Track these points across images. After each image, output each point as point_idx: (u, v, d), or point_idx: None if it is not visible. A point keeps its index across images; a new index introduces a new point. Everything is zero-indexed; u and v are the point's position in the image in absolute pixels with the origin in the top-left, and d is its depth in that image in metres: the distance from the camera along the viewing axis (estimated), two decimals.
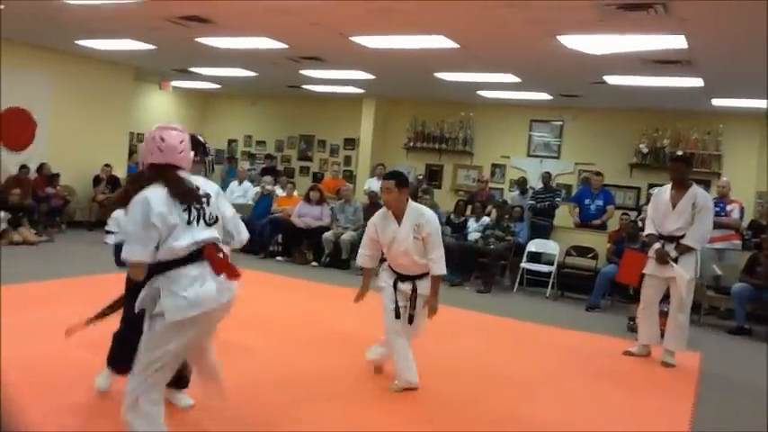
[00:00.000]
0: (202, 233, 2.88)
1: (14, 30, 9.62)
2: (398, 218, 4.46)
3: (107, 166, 11.87)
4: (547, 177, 10.77)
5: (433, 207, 9.92)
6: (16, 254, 8.74)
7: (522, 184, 11.14)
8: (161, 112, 15.70)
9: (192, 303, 2.80)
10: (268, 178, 11.49)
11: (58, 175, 11.10)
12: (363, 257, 4.73)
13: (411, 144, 13.57)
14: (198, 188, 2.95)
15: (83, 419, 3.64)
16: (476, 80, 10.34)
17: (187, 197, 2.88)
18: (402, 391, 4.46)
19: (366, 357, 4.88)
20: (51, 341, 4.94)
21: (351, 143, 14.52)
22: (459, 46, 7.90)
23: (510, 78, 9.90)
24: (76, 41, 10.20)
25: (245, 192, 11.76)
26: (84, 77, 11.78)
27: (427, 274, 4.49)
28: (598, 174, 10.42)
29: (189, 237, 2.83)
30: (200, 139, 3.81)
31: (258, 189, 11.40)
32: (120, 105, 12.62)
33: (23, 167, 10.63)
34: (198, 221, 2.87)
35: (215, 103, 16.74)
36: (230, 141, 16.43)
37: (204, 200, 2.93)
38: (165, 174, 2.91)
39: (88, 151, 11.87)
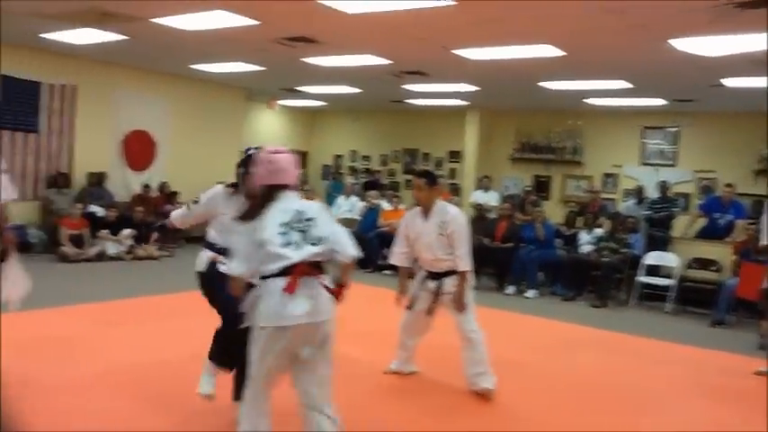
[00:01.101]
0: (301, 252, 2.97)
1: (136, 58, 10.26)
2: (426, 214, 4.66)
3: (220, 183, 12.34)
4: (664, 186, 10.27)
5: (543, 219, 9.74)
6: (141, 268, 9.26)
7: (638, 193, 10.67)
8: (270, 131, 16.26)
9: (278, 314, 2.92)
10: (373, 192, 11.60)
11: (177, 193, 11.70)
12: (397, 255, 4.92)
13: (517, 155, 13.34)
14: (303, 209, 3.11)
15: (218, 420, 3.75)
16: (583, 88, 10.05)
17: (294, 219, 3.05)
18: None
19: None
20: (171, 351, 5.19)
21: (455, 156, 14.45)
22: (564, 54, 7.70)
23: (621, 84, 9.55)
24: (191, 65, 10.74)
25: (352, 206, 11.93)
26: (199, 99, 12.39)
27: (454, 272, 4.58)
28: (728, 185, 9.81)
29: (286, 255, 2.96)
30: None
31: (364, 203, 11.53)
32: (232, 125, 13.18)
33: (146, 186, 11.28)
34: (300, 241, 2.99)
35: (320, 120, 17.14)
36: (336, 157, 16.75)
37: (308, 221, 3.06)
38: (275, 194, 3.09)
39: (203, 170, 12.42)
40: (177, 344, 5.45)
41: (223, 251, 3.60)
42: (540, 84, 9.90)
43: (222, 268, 3.48)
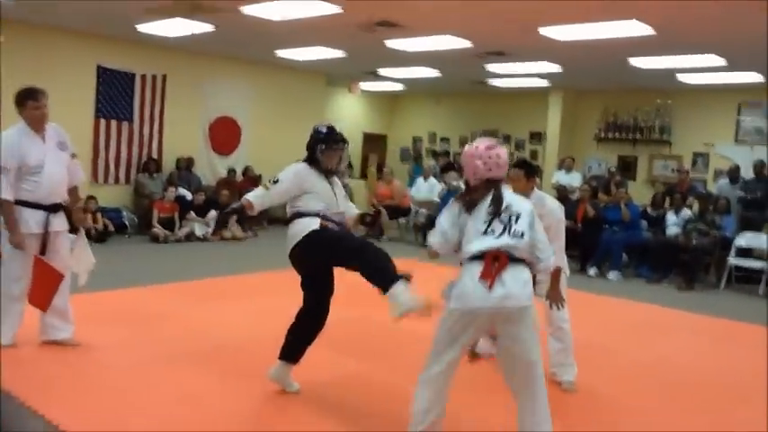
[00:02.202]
0: (500, 241, 3.06)
1: (223, 47, 10.57)
2: None
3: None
4: (760, 166, 9.78)
5: (628, 200, 9.47)
6: (227, 248, 9.59)
7: (733, 172, 10.20)
8: (350, 115, 16.44)
9: (471, 297, 3.02)
10: (452, 174, 11.55)
11: (260, 177, 12.00)
12: None
13: (602, 135, 12.98)
14: (512, 203, 3.19)
15: (296, 410, 3.88)
16: (674, 65, 9.65)
17: (501, 210, 3.14)
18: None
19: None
20: (265, 328, 5.36)
21: (536, 137, 14.20)
22: (653, 29, 7.42)
23: (714, 60, 9.12)
24: (275, 52, 10.97)
25: (432, 188, 11.94)
26: (281, 85, 12.65)
27: None
28: None
29: (485, 242, 3.07)
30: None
31: (443, 185, 11.52)
32: (313, 110, 13.38)
33: (231, 170, 11.64)
34: (502, 232, 3.09)
35: (400, 103, 17.18)
36: (415, 139, 16.77)
37: (515, 216, 3.14)
38: (494, 187, 3.19)
39: (287, 153, 12.58)
40: (265, 322, 5.62)
41: (323, 217, 3.88)
42: (630, 61, 9.58)
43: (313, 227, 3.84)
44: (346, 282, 4.12)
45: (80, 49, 9.87)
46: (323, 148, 3.97)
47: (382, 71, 12.68)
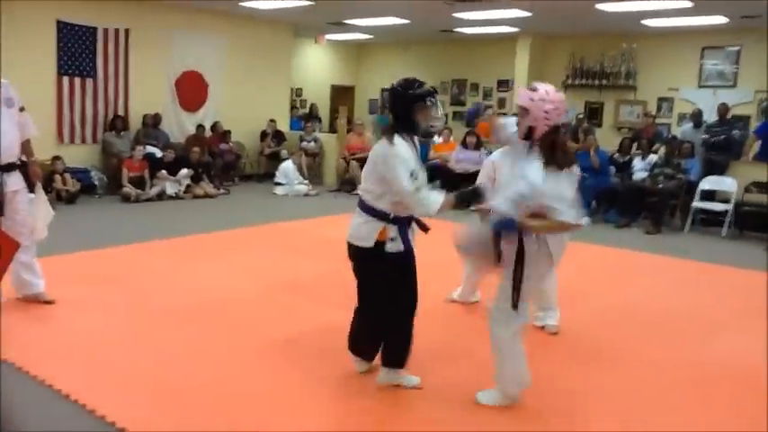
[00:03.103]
0: None
1: None
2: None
3: (272, 121, 12.53)
4: (723, 109, 9.97)
5: (596, 147, 9.61)
6: (200, 206, 9.55)
7: (696, 116, 10.37)
8: (317, 66, 16.25)
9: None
10: None
11: (229, 132, 11.89)
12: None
13: (569, 81, 13.06)
14: None
15: (284, 358, 3.97)
16: (641, 9, 9.69)
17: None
18: None
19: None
20: (245, 283, 5.44)
21: (504, 84, 14.23)
22: None
23: (680, 4, 9.18)
24: (241, 3, 10.72)
25: None
26: (248, 38, 12.41)
27: None
28: None
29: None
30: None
31: None
32: (281, 62, 13.20)
33: (199, 126, 11.49)
34: None
35: (367, 54, 17.00)
36: (383, 90, 16.67)
37: None
38: (558, 132, 3.09)
39: (254, 108, 12.58)
40: (242, 278, 5.69)
41: (400, 223, 3.29)
42: (597, 5, 9.59)
43: (393, 248, 3.28)
44: (315, 235, 4.17)
45: (37, 3, 9.52)
46: (423, 106, 3.25)
47: (349, 21, 12.51)
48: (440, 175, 10.48)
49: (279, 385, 3.57)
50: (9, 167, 4.38)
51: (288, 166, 11.03)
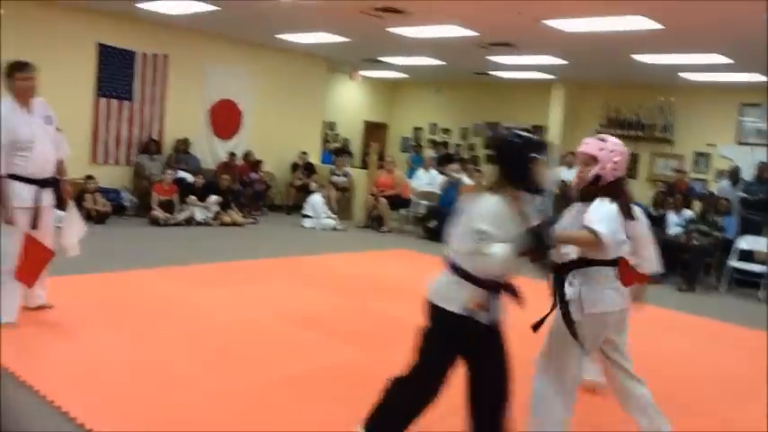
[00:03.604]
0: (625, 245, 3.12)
1: (225, 27, 10.45)
2: None
3: (303, 153, 12.57)
4: (762, 168, 9.76)
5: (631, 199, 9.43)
6: (227, 234, 9.53)
7: (733, 174, 10.17)
8: (351, 101, 16.36)
9: (609, 301, 3.08)
10: (454, 166, 11.51)
11: (260, 162, 11.94)
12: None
13: (603, 131, 12.91)
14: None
15: (291, 394, 3.86)
16: (679, 62, 9.61)
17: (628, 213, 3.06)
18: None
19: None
20: (261, 314, 5.35)
21: (538, 130, 14.13)
22: (661, 26, 7.38)
23: (719, 59, 9.08)
24: (277, 36, 10.86)
25: (432, 179, 11.89)
26: (284, 70, 12.54)
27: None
28: None
29: (625, 247, 3.11)
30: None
31: (445, 177, 11.47)
32: (314, 96, 13.31)
33: (231, 154, 11.56)
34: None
35: (401, 92, 17.09)
36: (416, 129, 16.70)
37: None
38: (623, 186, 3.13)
39: (286, 139, 12.66)
40: (260, 308, 5.62)
41: (493, 288, 2.81)
42: (634, 57, 9.53)
43: (484, 318, 2.78)
44: (337, 270, 4.08)
45: (80, 25, 9.73)
46: (535, 159, 2.80)
47: (384, 58, 12.60)
48: None
49: (279, 421, 3.44)
50: (44, 183, 4.47)
51: (316, 199, 11.01)
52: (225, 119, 11.84)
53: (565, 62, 10.72)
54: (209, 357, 4.30)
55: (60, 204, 4.71)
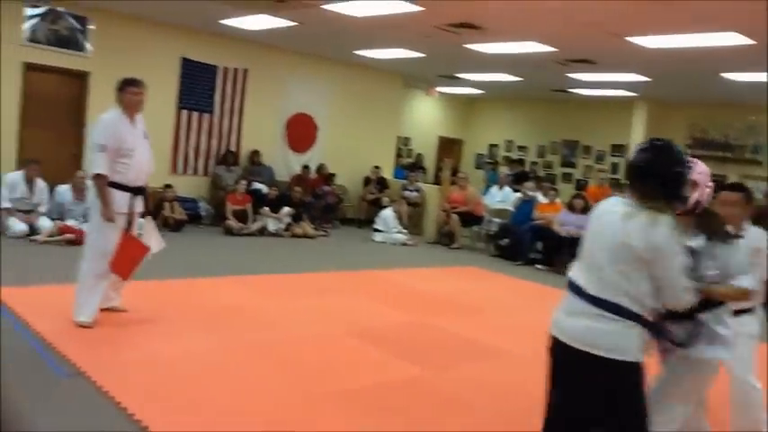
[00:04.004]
0: None
1: (303, 43, 10.63)
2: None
3: (376, 167, 12.61)
4: None
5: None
6: (298, 245, 9.63)
7: None
8: (426, 117, 16.32)
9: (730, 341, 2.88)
10: (530, 184, 11.28)
11: (333, 175, 12.04)
12: None
13: (689, 151, 12.42)
14: None
15: (350, 408, 3.80)
16: None
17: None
18: None
19: None
20: (326, 326, 5.34)
21: (619, 149, 13.71)
22: (753, 42, 7.01)
23: None
24: (355, 52, 10.97)
25: (505, 197, 11.69)
26: (360, 85, 12.65)
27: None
28: None
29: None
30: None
31: (518, 195, 11.26)
32: (389, 111, 13.35)
33: (305, 167, 11.71)
34: None
35: (477, 108, 16.93)
36: (491, 146, 16.50)
37: None
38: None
39: (360, 153, 12.73)
40: (328, 319, 5.61)
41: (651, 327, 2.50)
42: (723, 75, 9.11)
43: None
44: (406, 286, 4.01)
45: (166, 40, 10.11)
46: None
47: (461, 74, 12.52)
48: (542, 236, 10.12)
49: None
50: (139, 191, 4.76)
51: (388, 213, 11.00)
52: (300, 132, 12.02)
53: (647, 79, 10.37)
54: (273, 367, 4.31)
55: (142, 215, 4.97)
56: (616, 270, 2.40)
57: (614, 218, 2.46)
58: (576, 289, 2.51)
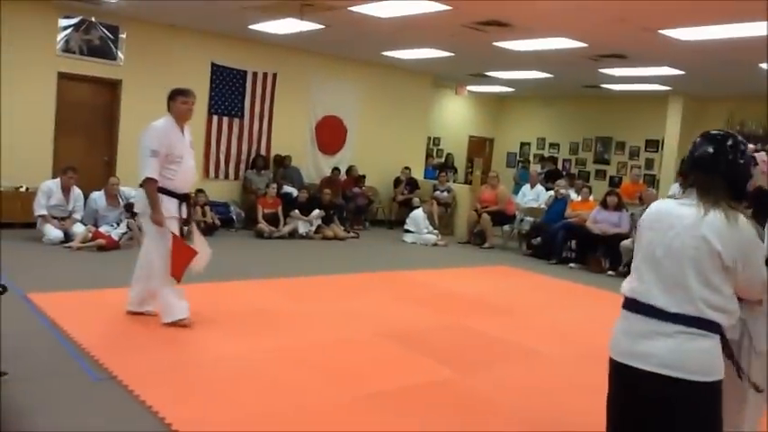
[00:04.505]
0: None
1: (331, 46, 10.65)
2: None
3: (407, 168, 12.56)
4: None
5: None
6: (328, 247, 9.64)
7: None
8: (456, 116, 16.24)
9: None
10: (562, 182, 11.13)
11: (363, 177, 12.04)
12: None
13: None
14: None
15: (383, 411, 3.77)
16: None
17: None
18: None
19: None
20: (357, 328, 5.32)
21: (653, 145, 13.47)
22: None
23: None
24: (383, 53, 10.94)
25: (537, 195, 11.55)
26: (388, 86, 12.62)
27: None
28: None
29: None
30: None
31: (551, 193, 11.11)
32: (418, 111, 13.30)
33: (335, 169, 11.73)
34: None
35: (508, 106, 16.79)
36: (522, 144, 16.35)
37: None
38: None
39: (390, 154, 12.70)
40: (360, 321, 5.58)
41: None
42: (761, 65, 8.86)
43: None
44: (437, 287, 3.96)
45: (195, 46, 10.22)
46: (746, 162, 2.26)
47: (490, 72, 12.42)
48: (576, 234, 9.98)
49: None
50: (185, 197, 4.93)
51: (418, 214, 10.95)
52: (330, 134, 12.05)
53: (682, 73, 10.14)
54: (305, 369, 4.29)
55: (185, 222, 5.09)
56: (696, 279, 2.10)
57: (685, 221, 2.15)
58: (643, 306, 2.19)
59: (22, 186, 8.64)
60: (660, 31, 7.40)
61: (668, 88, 12.00)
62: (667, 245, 2.16)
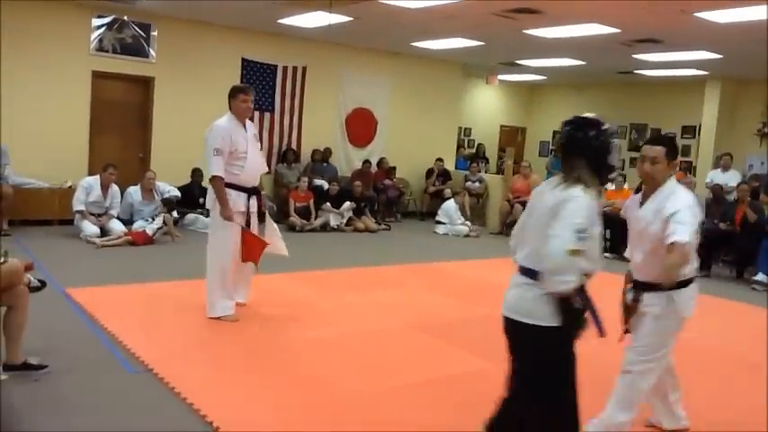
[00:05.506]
0: None
1: (360, 38, 10.63)
2: (646, 198, 3.35)
3: (439, 160, 12.49)
4: None
5: None
6: (360, 240, 9.65)
7: None
8: (487, 106, 16.10)
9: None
10: None
11: (394, 169, 12.01)
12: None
13: (765, 130, 11.81)
14: None
15: (417, 402, 3.76)
16: None
17: None
18: None
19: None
20: (390, 320, 5.32)
21: (690, 131, 13.18)
22: None
23: None
24: (412, 43, 10.88)
25: None
26: (418, 76, 12.55)
27: (658, 287, 3.18)
28: None
29: None
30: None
31: None
32: (449, 101, 13.21)
33: (366, 162, 11.72)
34: None
35: (540, 94, 16.59)
36: (555, 133, 16.13)
37: None
38: None
39: (421, 146, 12.64)
40: (392, 312, 5.58)
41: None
42: None
43: None
44: (469, 278, 3.93)
45: (225, 42, 10.27)
46: (614, 146, 2.72)
47: (521, 61, 12.27)
48: (611, 223, 9.80)
49: (402, 426, 3.35)
50: (253, 191, 5.02)
51: (450, 205, 10.90)
52: (360, 127, 12.04)
53: (719, 56, 9.89)
54: (339, 361, 4.33)
55: (259, 214, 5.22)
56: (538, 236, 2.62)
57: (548, 194, 2.72)
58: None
59: (66, 182, 8.75)
60: (696, 14, 7.22)
61: (705, 73, 11.73)
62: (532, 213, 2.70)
